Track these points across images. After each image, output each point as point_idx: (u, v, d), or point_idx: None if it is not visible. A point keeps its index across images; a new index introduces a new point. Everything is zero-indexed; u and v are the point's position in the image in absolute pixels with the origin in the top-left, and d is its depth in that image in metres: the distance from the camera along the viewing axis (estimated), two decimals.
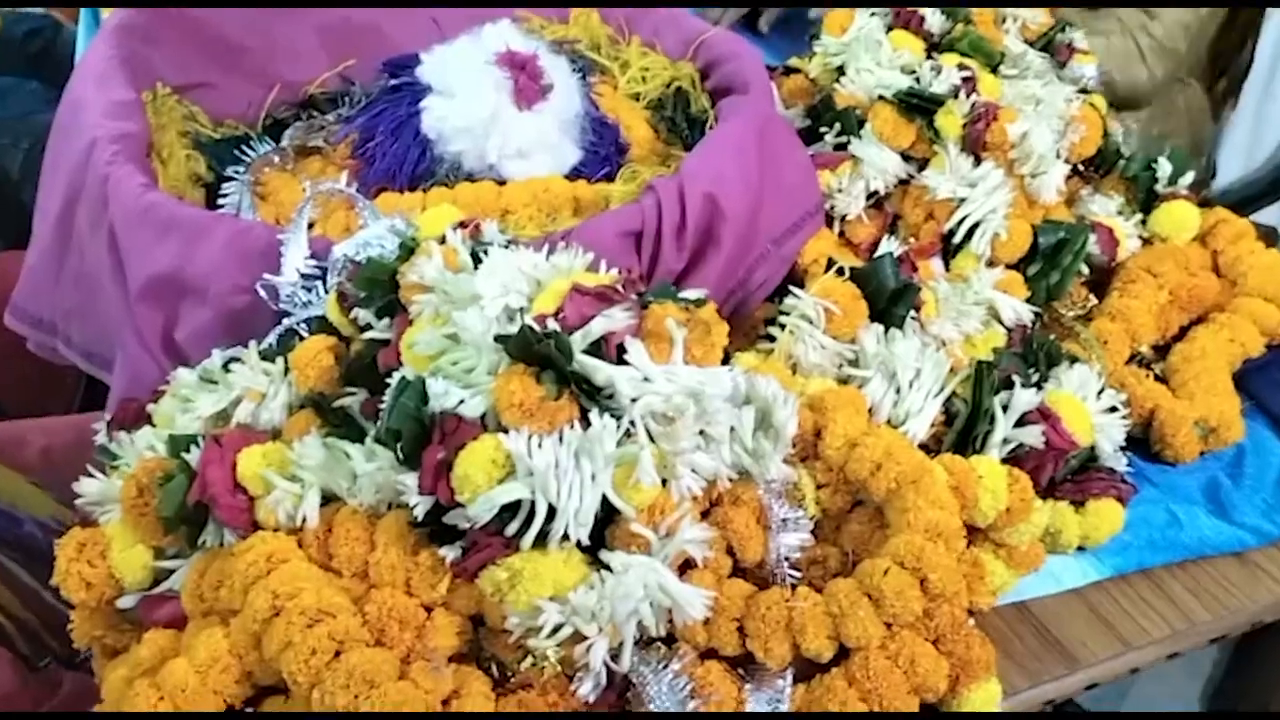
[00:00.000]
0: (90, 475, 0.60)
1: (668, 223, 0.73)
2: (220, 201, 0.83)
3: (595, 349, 0.52)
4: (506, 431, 0.50)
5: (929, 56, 0.92)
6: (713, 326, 0.54)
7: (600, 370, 0.51)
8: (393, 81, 0.87)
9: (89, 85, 0.81)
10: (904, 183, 0.85)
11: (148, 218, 0.69)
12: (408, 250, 0.62)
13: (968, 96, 0.83)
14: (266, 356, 0.65)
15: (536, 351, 0.51)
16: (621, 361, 0.52)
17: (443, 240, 0.62)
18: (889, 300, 0.68)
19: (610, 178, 0.86)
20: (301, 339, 0.66)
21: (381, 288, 0.60)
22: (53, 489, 0.99)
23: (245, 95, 0.99)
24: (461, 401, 0.51)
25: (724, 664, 0.54)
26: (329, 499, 0.55)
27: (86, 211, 0.76)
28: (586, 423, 0.51)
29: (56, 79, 1.89)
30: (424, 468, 0.50)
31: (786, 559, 0.56)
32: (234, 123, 0.97)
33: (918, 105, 0.83)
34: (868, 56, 0.92)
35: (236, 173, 0.86)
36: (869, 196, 0.85)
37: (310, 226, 0.84)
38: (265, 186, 0.87)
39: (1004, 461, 0.62)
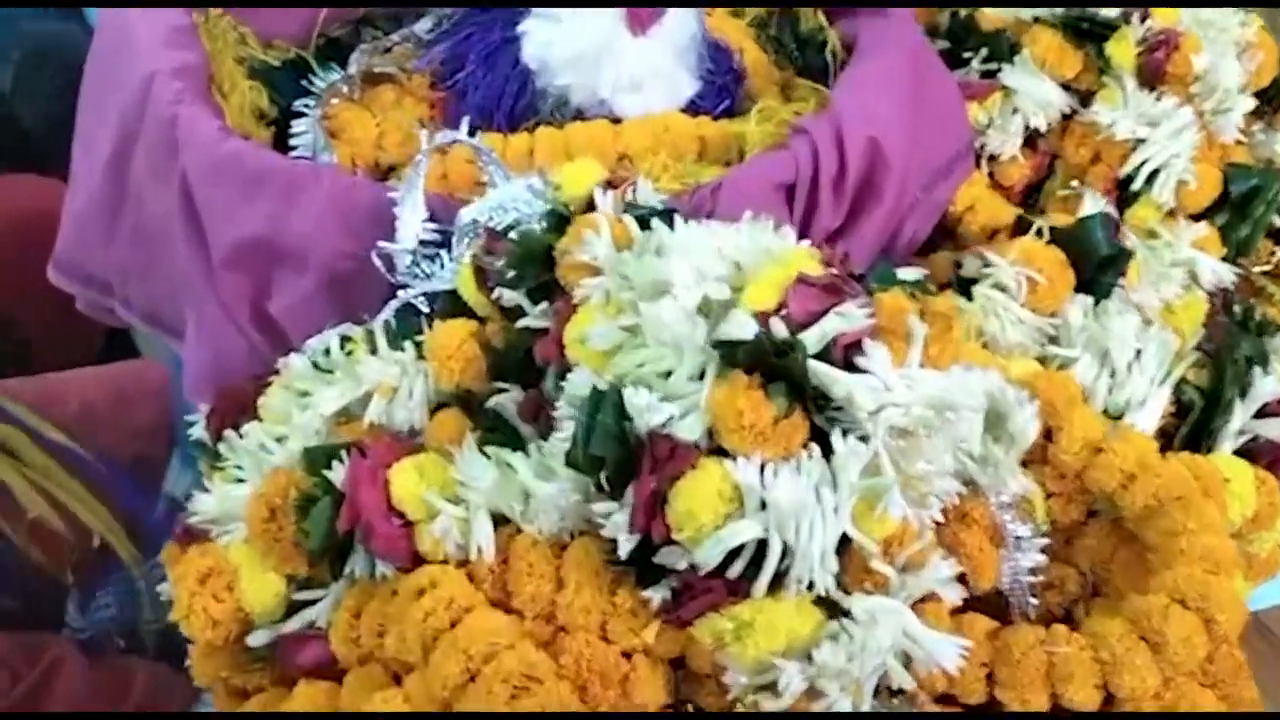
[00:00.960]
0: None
1: (825, 172, 0.63)
2: (292, 141, 0.73)
3: (823, 353, 0.44)
4: (728, 455, 0.42)
5: None
6: (952, 320, 0.46)
7: (839, 381, 0.42)
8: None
9: (136, 10, 0.69)
10: (1065, 118, 0.76)
11: (231, 170, 0.59)
12: (557, 218, 0.52)
13: (1142, 21, 0.73)
14: (377, 326, 0.56)
15: (767, 361, 0.42)
16: (851, 366, 0.44)
17: (591, 205, 0.53)
18: (1097, 267, 0.60)
19: (730, 111, 0.76)
20: (420, 314, 0.57)
21: (535, 266, 0.51)
22: (91, 446, 0.91)
23: (294, 11, 0.87)
24: (671, 418, 0.43)
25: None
26: (496, 520, 0.47)
27: (146, 156, 0.65)
28: (819, 444, 0.43)
29: None
30: (636, 503, 0.42)
31: (1024, 584, 0.49)
32: (284, 44, 0.85)
33: (1087, 30, 0.73)
34: None
35: (306, 107, 0.75)
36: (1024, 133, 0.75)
37: (391, 170, 0.76)
38: (334, 121, 0.76)
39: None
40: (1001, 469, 0.49)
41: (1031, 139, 0.77)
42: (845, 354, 0.44)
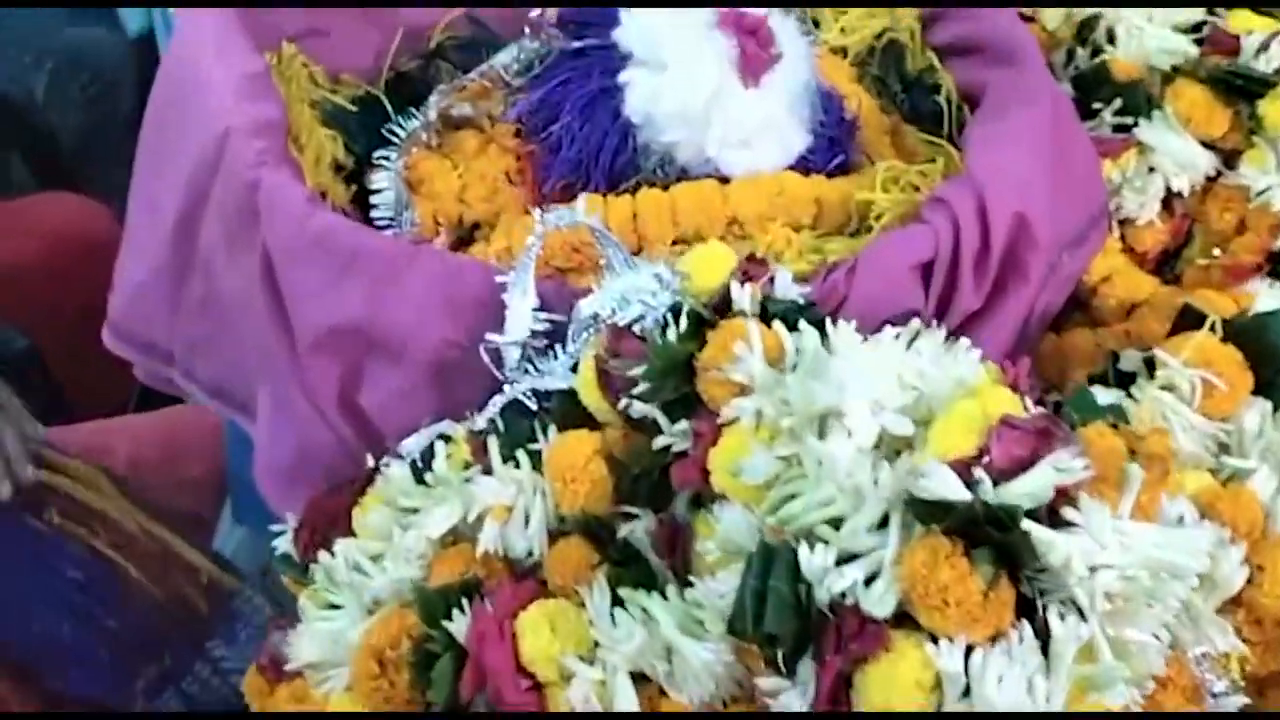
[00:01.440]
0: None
1: (967, 250, 0.58)
2: (373, 199, 0.67)
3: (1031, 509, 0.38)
4: (917, 624, 0.37)
5: (1210, 13, 0.75)
6: (1168, 464, 0.40)
7: (1056, 547, 0.37)
8: (576, 44, 0.70)
9: (206, 51, 0.63)
10: (1208, 180, 0.69)
11: (322, 248, 0.54)
12: (695, 321, 0.47)
13: None
14: (489, 436, 0.50)
15: (973, 524, 0.36)
16: (1054, 516, 0.38)
17: (728, 307, 0.47)
18: (1278, 369, 0.54)
19: (844, 167, 0.70)
20: (529, 413, 0.52)
21: (674, 378, 0.45)
22: (139, 500, 0.86)
23: (362, 41, 0.82)
24: (855, 583, 0.37)
25: None
26: (636, 677, 0.42)
27: (220, 222, 0.60)
28: (1023, 614, 0.37)
29: None
30: (819, 688, 0.36)
31: None
32: (352, 78, 0.79)
33: (1237, 86, 0.67)
34: (1136, 11, 0.75)
35: (385, 160, 0.69)
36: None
37: (476, 227, 0.70)
38: (413, 172, 0.71)
39: None
40: (1204, 622, 0.43)
41: (1168, 201, 0.71)
42: (1051, 505, 0.38)
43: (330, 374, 0.55)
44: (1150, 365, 0.56)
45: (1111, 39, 0.77)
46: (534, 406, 0.52)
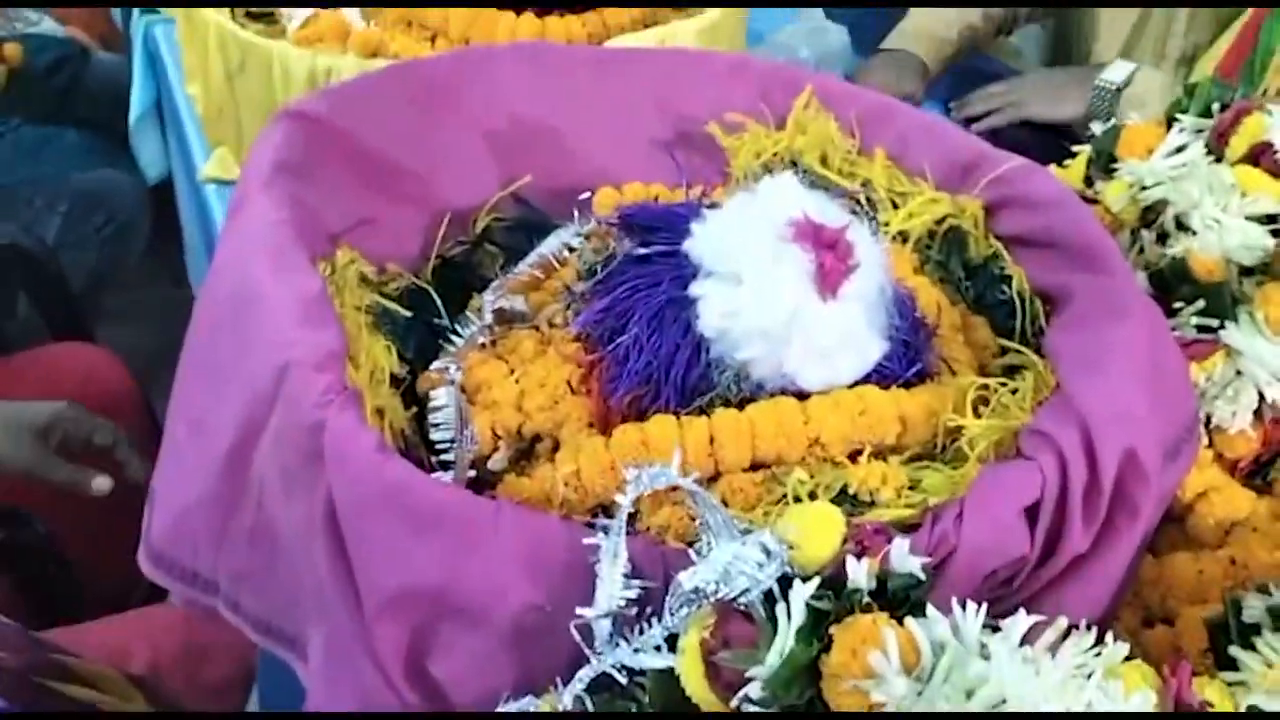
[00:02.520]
0: None
1: (1075, 490, 0.54)
2: (433, 419, 0.63)
3: None
4: None
5: None
6: None
7: None
8: (642, 250, 0.67)
9: (263, 268, 0.60)
10: None
11: (396, 504, 0.50)
12: (814, 617, 0.43)
13: None
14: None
15: None
16: None
17: (843, 585, 0.44)
18: None
19: (922, 374, 0.67)
20: (620, 688, 0.48)
21: (799, 684, 0.41)
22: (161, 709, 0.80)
23: (408, 228, 0.79)
24: None
25: None
26: None
27: (276, 458, 0.56)
28: None
29: (93, 119, 1.68)
30: None
31: None
32: (398, 268, 0.77)
33: None
34: (1211, 201, 0.73)
35: (444, 371, 0.66)
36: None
37: (536, 439, 0.66)
38: (469, 377, 0.67)
39: None
40: None
41: (1258, 406, 0.68)
42: None
43: (399, 637, 0.51)
44: (1276, 616, 0.52)
45: (1180, 225, 0.76)
46: (624, 682, 0.48)
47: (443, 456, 0.62)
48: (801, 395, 0.63)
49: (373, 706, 0.52)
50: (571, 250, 0.76)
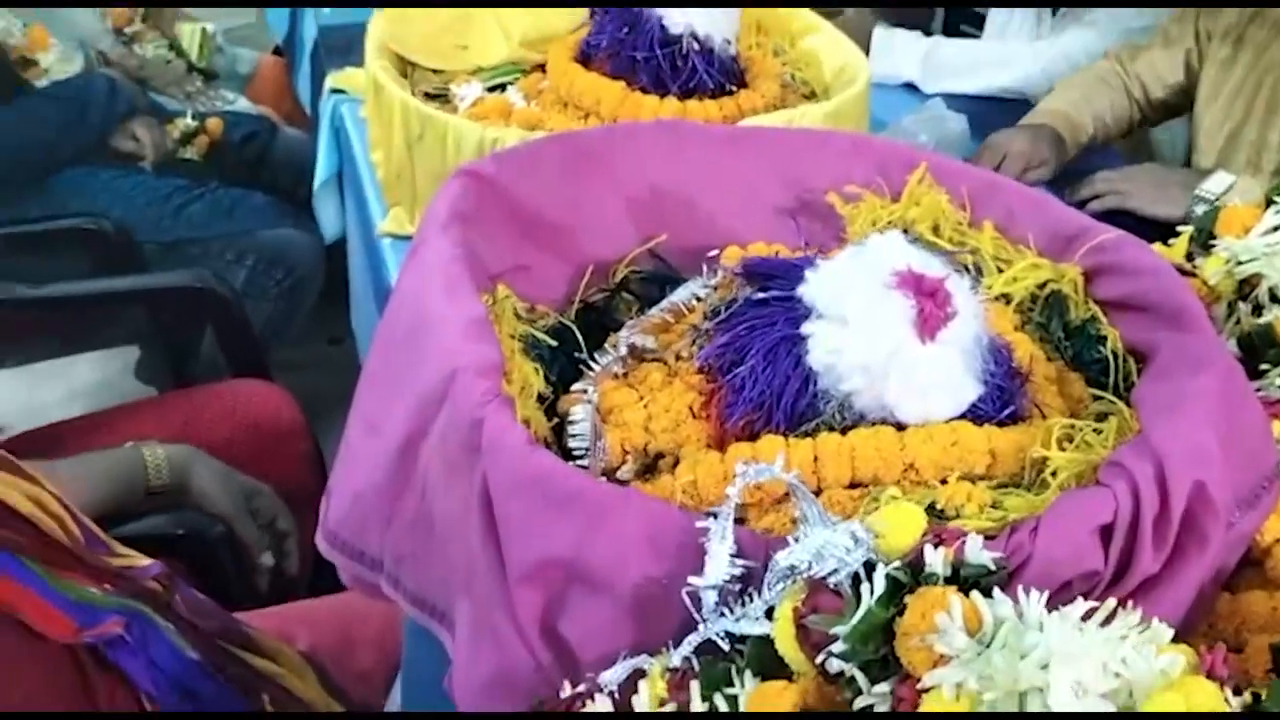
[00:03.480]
0: None
1: (1146, 515, 0.59)
2: (571, 430, 0.73)
3: None
4: None
5: None
6: None
7: None
8: (760, 295, 0.76)
9: (437, 293, 0.71)
10: None
11: (540, 489, 0.59)
12: (892, 586, 0.50)
13: None
14: (688, 677, 0.54)
15: None
16: None
17: (922, 569, 0.50)
18: None
19: (1015, 417, 0.73)
20: (723, 654, 0.55)
21: (875, 642, 0.48)
22: (330, 689, 0.90)
23: (556, 275, 0.90)
24: None
25: None
26: None
27: (441, 451, 0.66)
28: None
29: (276, 186, 1.88)
30: None
31: None
32: (546, 308, 0.87)
33: None
34: None
35: (582, 392, 0.75)
36: None
37: (659, 457, 0.75)
38: (604, 400, 0.77)
39: None
40: None
41: None
42: None
43: (536, 602, 0.60)
44: None
45: (1274, 297, 0.81)
46: (726, 647, 0.55)
47: (578, 463, 0.72)
48: (899, 426, 0.70)
49: (510, 663, 0.61)
50: (699, 299, 0.86)
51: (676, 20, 1.19)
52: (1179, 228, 0.93)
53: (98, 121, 1.69)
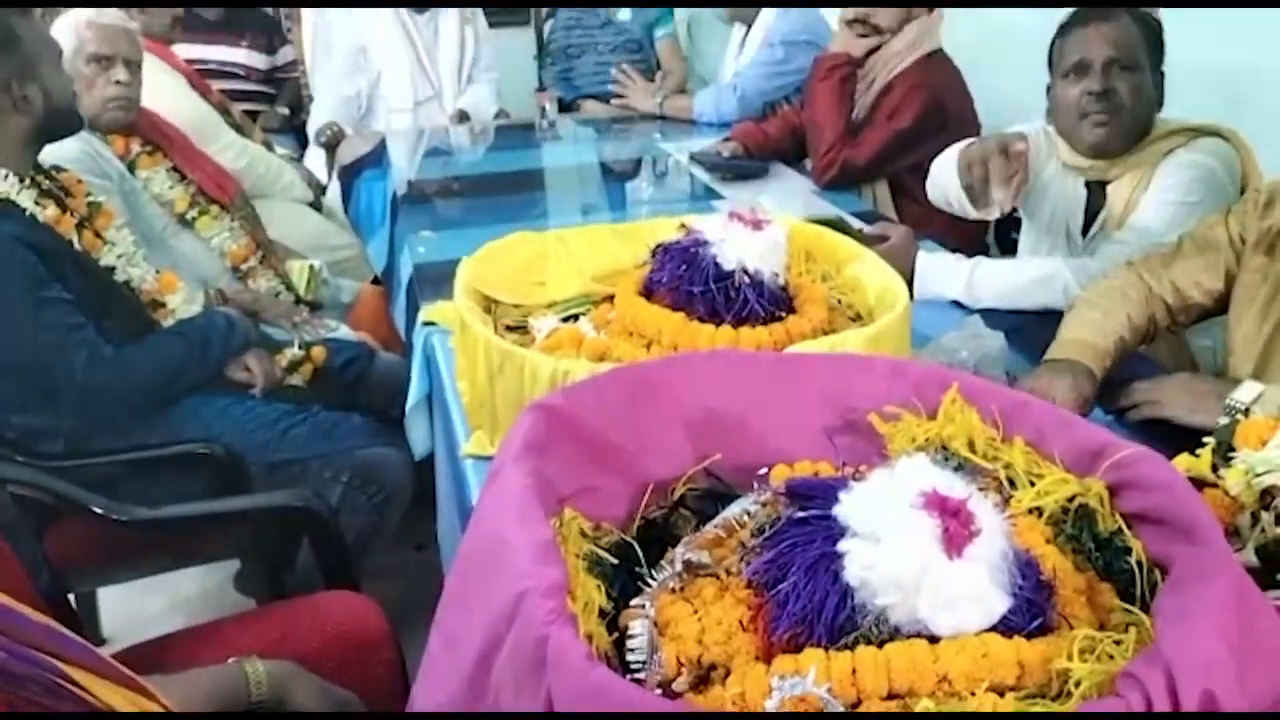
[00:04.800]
0: None
1: None
2: (630, 645, 0.80)
3: None
4: None
5: None
6: None
7: None
8: (800, 514, 0.84)
9: (511, 520, 0.81)
10: None
11: (599, 700, 0.66)
12: None
13: None
14: None
15: None
16: None
17: None
18: None
19: (1044, 628, 0.78)
20: None
21: None
22: None
23: (620, 494, 0.99)
24: None
25: None
26: None
27: (511, 666, 0.73)
28: None
29: (372, 407, 2.04)
30: None
31: None
32: (610, 526, 0.96)
33: None
34: None
35: (640, 608, 0.83)
36: None
37: (712, 668, 0.81)
38: (661, 614, 0.84)
39: None
40: None
41: None
42: None
43: None
44: None
45: None
46: None
47: (635, 675, 0.78)
48: (933, 639, 0.76)
49: None
50: (749, 515, 0.94)
51: (729, 257, 1.32)
52: (1206, 438, 0.98)
53: (217, 356, 1.88)
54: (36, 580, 1.40)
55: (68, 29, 2.05)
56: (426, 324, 1.70)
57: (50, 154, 1.82)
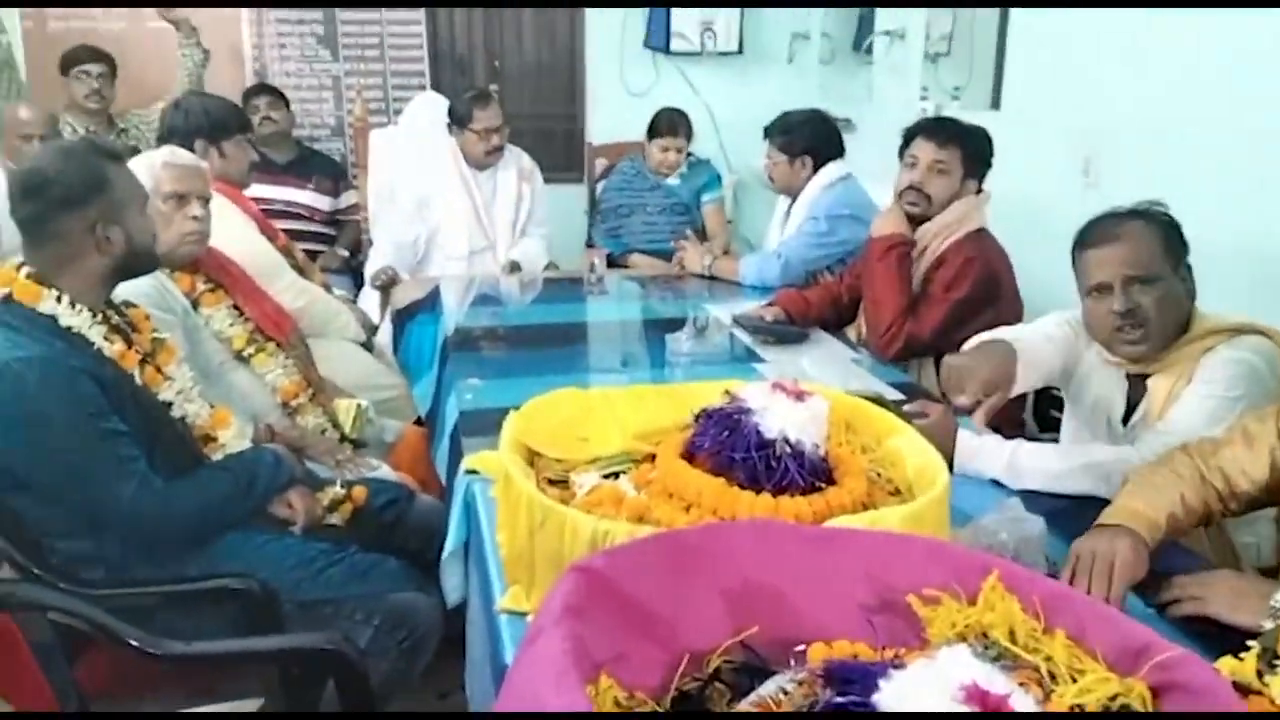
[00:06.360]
0: None
1: None
2: None
3: None
4: None
5: None
6: None
7: None
8: (839, 699, 0.83)
9: (548, 686, 0.81)
10: None
11: None
12: None
13: None
14: None
15: None
16: None
17: None
18: None
19: None
20: None
21: None
22: None
23: (655, 663, 0.99)
24: None
25: None
26: None
27: None
28: None
29: (407, 549, 2.05)
30: None
31: None
32: (643, 695, 0.96)
33: None
34: None
35: None
36: None
37: None
38: None
39: None
40: None
41: None
42: None
43: None
44: None
45: None
46: None
47: None
48: None
49: None
50: (786, 694, 0.93)
51: (771, 426, 1.34)
52: (1251, 641, 0.97)
53: (261, 492, 1.91)
54: (64, 705, 1.40)
55: (144, 169, 2.17)
56: (469, 472, 1.72)
57: (122, 289, 1.91)
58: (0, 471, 1.70)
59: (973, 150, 2.56)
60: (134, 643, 1.48)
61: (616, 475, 1.51)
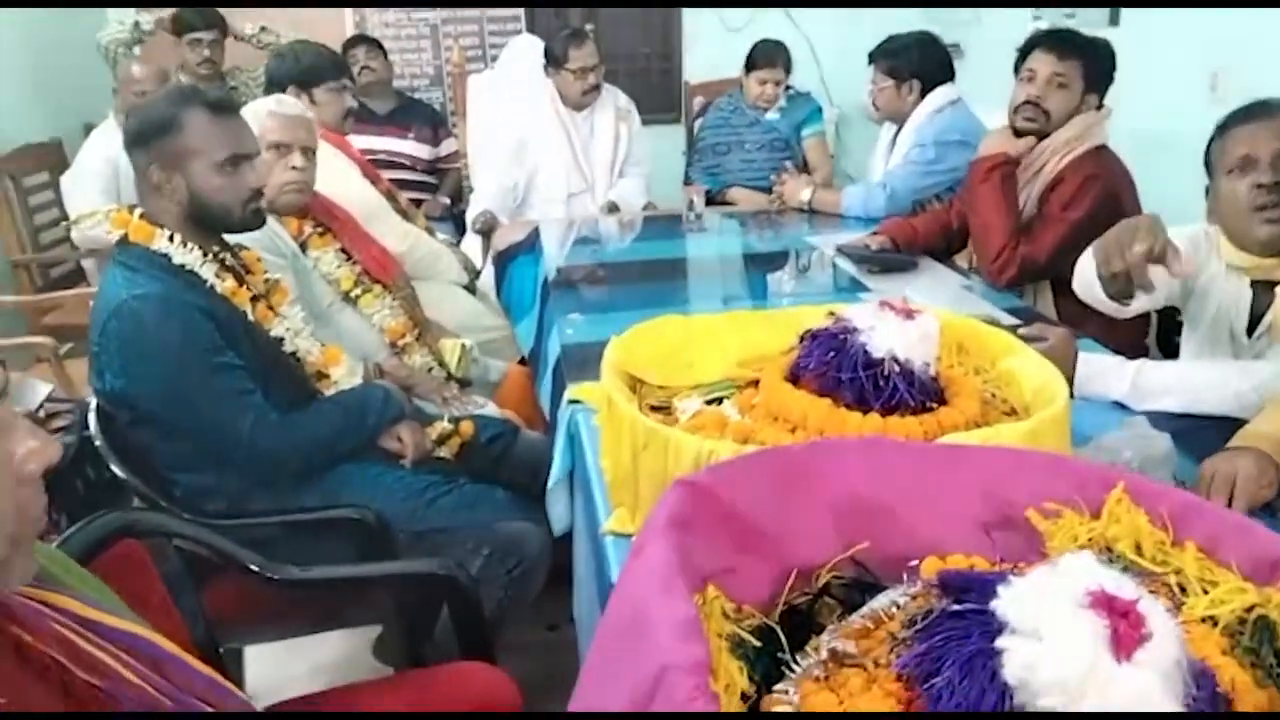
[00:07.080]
0: None
1: None
2: None
3: None
4: None
5: None
6: None
7: None
8: (955, 607, 0.80)
9: (654, 593, 0.80)
10: None
11: None
12: None
13: None
14: None
15: None
16: None
17: None
18: None
19: None
20: None
21: None
22: None
23: (763, 578, 0.97)
24: None
25: None
26: None
27: None
28: None
29: (514, 482, 2.07)
30: None
31: None
32: (752, 609, 0.94)
33: None
34: None
35: (784, 693, 0.81)
36: None
37: None
38: (805, 703, 0.81)
39: None
40: None
41: None
42: None
43: None
44: None
45: None
46: None
47: None
48: None
49: None
50: (899, 607, 0.91)
51: (879, 345, 1.30)
52: None
53: (373, 426, 1.95)
54: (193, 632, 1.46)
55: (252, 116, 2.20)
56: (572, 402, 1.72)
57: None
58: (123, 407, 1.76)
59: (1094, 63, 2.42)
60: (255, 568, 1.53)
61: (720, 401, 1.49)
